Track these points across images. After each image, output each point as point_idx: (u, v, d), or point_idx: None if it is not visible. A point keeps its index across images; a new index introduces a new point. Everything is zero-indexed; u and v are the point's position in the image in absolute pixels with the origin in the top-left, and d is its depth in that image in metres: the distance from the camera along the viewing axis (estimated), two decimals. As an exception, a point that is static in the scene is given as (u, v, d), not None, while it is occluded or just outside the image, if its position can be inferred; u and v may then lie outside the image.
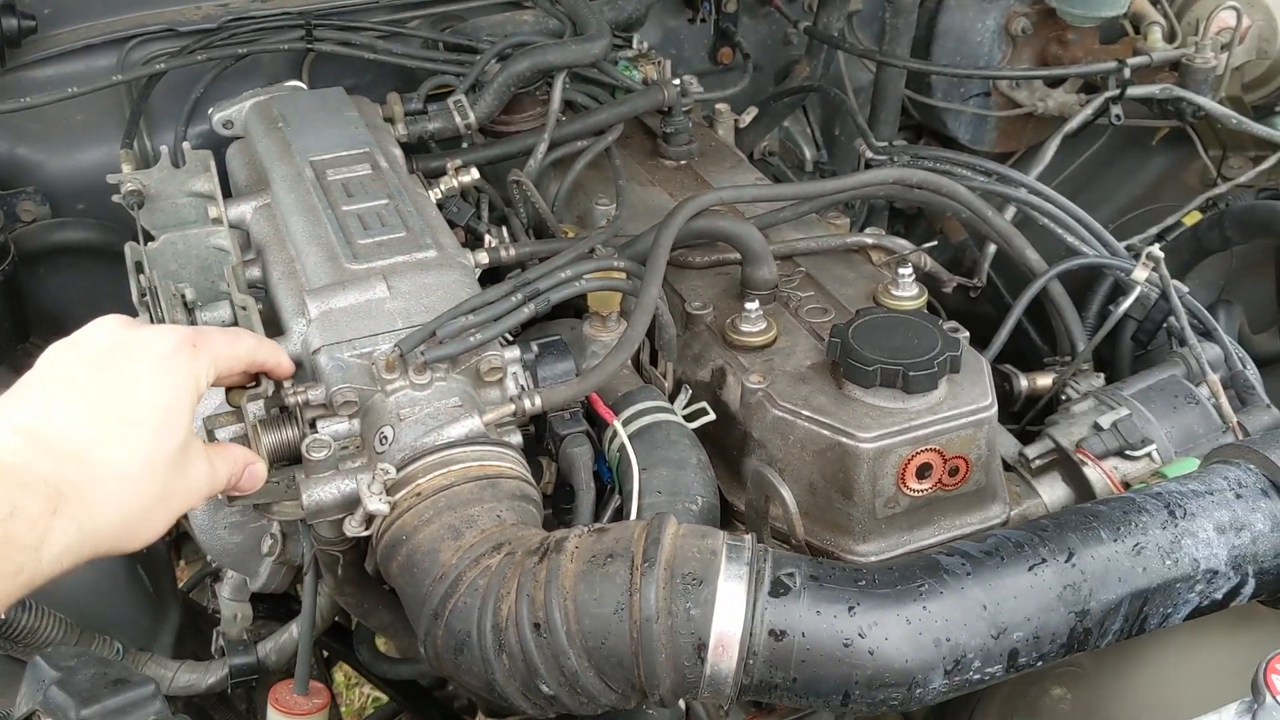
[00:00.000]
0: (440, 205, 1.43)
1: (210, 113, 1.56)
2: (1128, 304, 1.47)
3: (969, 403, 1.18)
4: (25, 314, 1.68)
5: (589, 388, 1.17)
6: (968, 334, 1.26)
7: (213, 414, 1.12)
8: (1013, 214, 1.62)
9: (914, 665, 0.91)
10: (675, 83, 1.68)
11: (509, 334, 1.18)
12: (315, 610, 1.31)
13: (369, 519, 1.03)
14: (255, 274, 1.28)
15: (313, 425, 1.09)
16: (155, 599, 1.48)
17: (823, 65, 2.08)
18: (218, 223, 1.29)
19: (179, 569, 1.93)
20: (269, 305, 1.25)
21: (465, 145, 1.64)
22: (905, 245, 1.48)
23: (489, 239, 1.37)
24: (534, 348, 1.19)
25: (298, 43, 1.77)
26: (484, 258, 1.33)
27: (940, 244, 2.10)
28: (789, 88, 2.10)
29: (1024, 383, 1.44)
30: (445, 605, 0.95)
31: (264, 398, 1.09)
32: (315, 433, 1.08)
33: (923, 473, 1.17)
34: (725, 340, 1.30)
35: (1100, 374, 1.44)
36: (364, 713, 2.73)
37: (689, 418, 1.24)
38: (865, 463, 1.15)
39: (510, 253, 1.35)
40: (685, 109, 1.69)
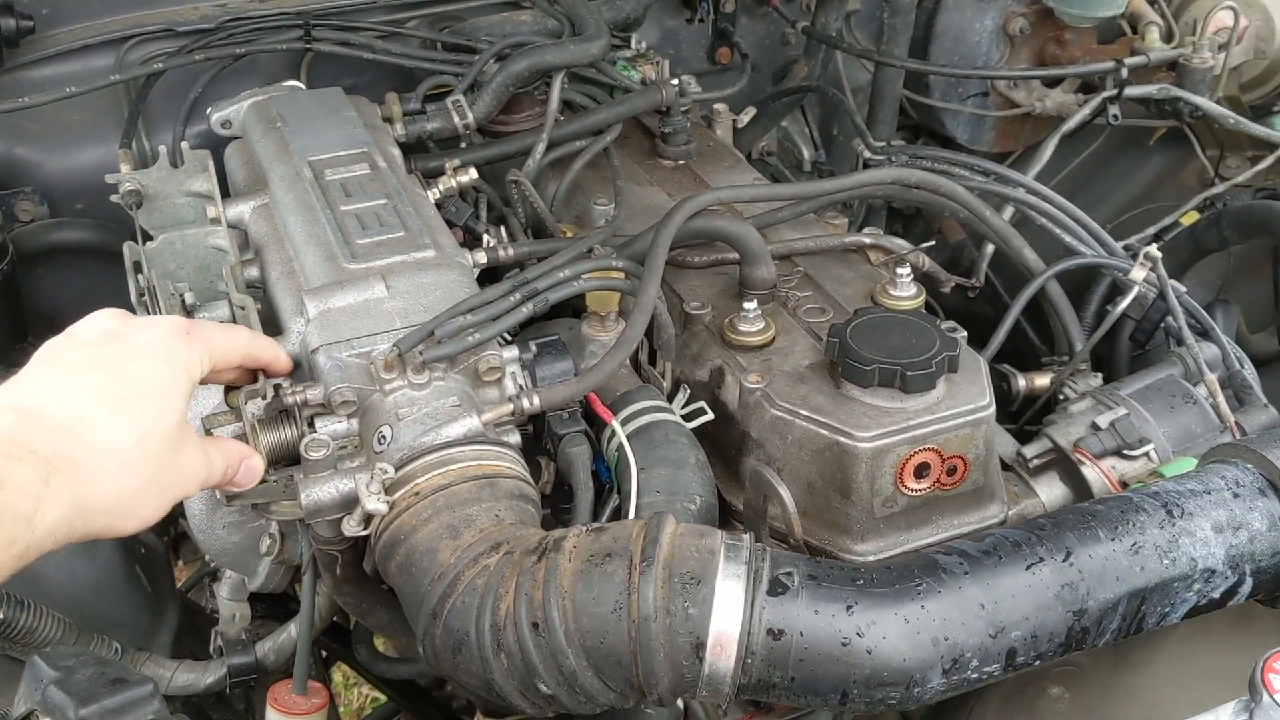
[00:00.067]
0: (439, 205, 1.43)
1: (208, 112, 1.57)
2: (1125, 304, 1.47)
3: (967, 402, 1.18)
4: (23, 314, 1.68)
5: (587, 387, 1.17)
6: (966, 334, 1.26)
7: (211, 413, 1.12)
8: (1011, 214, 1.62)
9: (912, 664, 0.91)
10: (673, 83, 1.68)
11: (507, 334, 1.18)
12: (314, 610, 1.31)
13: (367, 518, 1.03)
14: (253, 274, 1.28)
15: (311, 425, 1.09)
16: (153, 599, 1.48)
17: (821, 65, 2.09)
18: (216, 222, 1.29)
19: (177, 569, 1.93)
20: (267, 305, 1.25)
21: (463, 145, 1.64)
22: (903, 245, 1.48)
23: (487, 239, 1.37)
24: (532, 347, 1.19)
25: (296, 43, 1.77)
26: (482, 257, 1.33)
27: (938, 244, 2.10)
28: (787, 88, 2.11)
29: (1022, 382, 1.44)
30: (444, 605, 0.95)
31: (262, 397, 1.09)
32: (314, 432, 1.08)
33: (921, 472, 1.17)
34: (723, 340, 1.30)
35: (1098, 374, 1.44)
36: (362, 713, 2.73)
37: (687, 417, 1.24)
38: (863, 462, 1.15)
39: (508, 252, 1.35)
40: (683, 109, 1.69)
